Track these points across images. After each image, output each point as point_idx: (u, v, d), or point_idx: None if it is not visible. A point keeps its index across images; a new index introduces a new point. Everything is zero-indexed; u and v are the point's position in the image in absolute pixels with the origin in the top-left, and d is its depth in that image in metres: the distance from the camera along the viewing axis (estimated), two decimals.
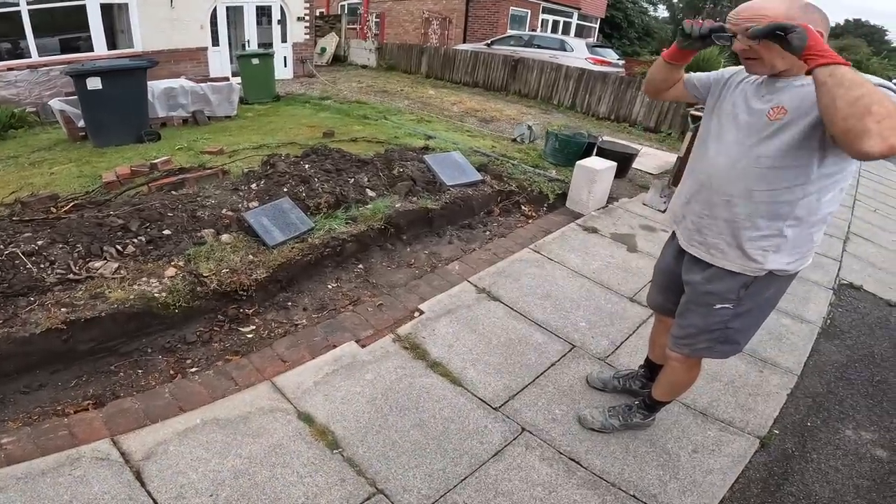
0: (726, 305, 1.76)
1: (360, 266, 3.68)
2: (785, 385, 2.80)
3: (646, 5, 30.93)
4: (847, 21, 51.38)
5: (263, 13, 11.55)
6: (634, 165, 6.24)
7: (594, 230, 4.45)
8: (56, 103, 5.90)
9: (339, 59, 15.26)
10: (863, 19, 52.10)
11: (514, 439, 2.25)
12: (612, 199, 5.18)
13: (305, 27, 12.31)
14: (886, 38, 51.41)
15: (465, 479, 2.04)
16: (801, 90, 1.46)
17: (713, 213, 1.70)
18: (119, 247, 3.12)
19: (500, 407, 2.42)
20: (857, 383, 2.96)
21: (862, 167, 8.97)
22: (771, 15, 1.41)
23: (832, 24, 1.58)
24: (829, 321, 3.56)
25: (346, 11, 18.13)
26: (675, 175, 5.14)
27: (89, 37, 8.76)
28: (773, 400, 2.68)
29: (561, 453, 2.21)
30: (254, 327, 2.97)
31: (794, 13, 1.40)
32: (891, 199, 7.48)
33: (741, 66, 1.69)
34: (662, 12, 38.53)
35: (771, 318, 3.30)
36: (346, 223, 3.78)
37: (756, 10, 1.45)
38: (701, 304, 1.82)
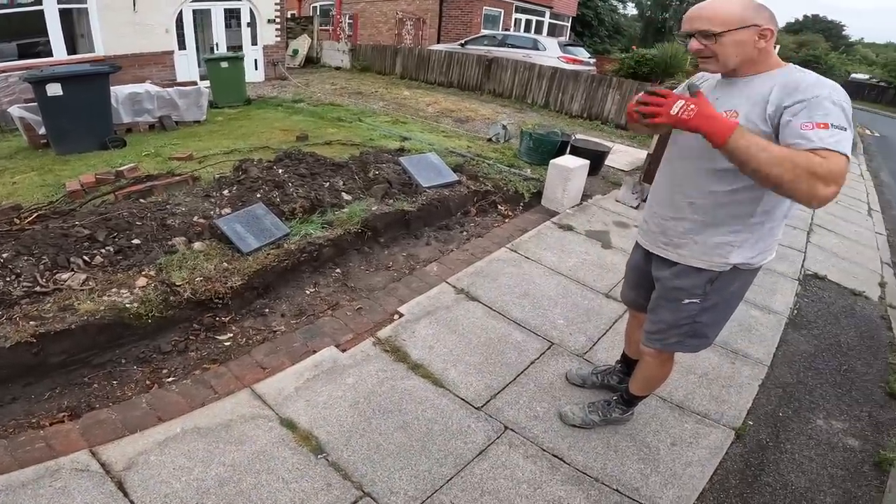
0: (693, 300, 1.81)
1: (338, 270, 3.65)
2: (756, 376, 2.89)
3: (615, 3, 31.49)
4: (805, 17, 53.21)
5: (232, 16, 11.35)
6: (607, 163, 6.34)
7: (569, 228, 4.51)
8: (15, 110, 5.69)
9: (311, 61, 15.10)
10: (821, 15, 54.06)
11: (498, 438, 2.27)
12: (586, 196, 5.26)
13: (276, 29, 12.15)
14: (844, 33, 53.41)
15: (450, 479, 2.05)
16: (748, 90, 1.51)
17: (678, 215, 1.76)
18: (86, 257, 3.04)
19: (482, 406, 2.44)
20: (825, 373, 3.06)
21: None
22: (722, 15, 1.46)
23: (791, 20, 1.65)
24: (795, 311, 3.68)
25: (318, 13, 17.97)
26: (646, 171, 5.25)
27: (48, 42, 8.48)
28: (746, 391, 2.75)
29: (544, 450, 2.24)
30: (231, 335, 2.92)
31: (749, 14, 1.45)
32: (852, 191, 7.76)
33: (701, 73, 1.74)
34: (631, 9, 39.26)
35: (740, 309, 3.39)
36: (323, 228, 3.74)
37: (711, 11, 1.49)
38: (670, 299, 1.87)
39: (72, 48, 8.89)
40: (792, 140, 1.35)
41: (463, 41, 14.39)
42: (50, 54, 8.50)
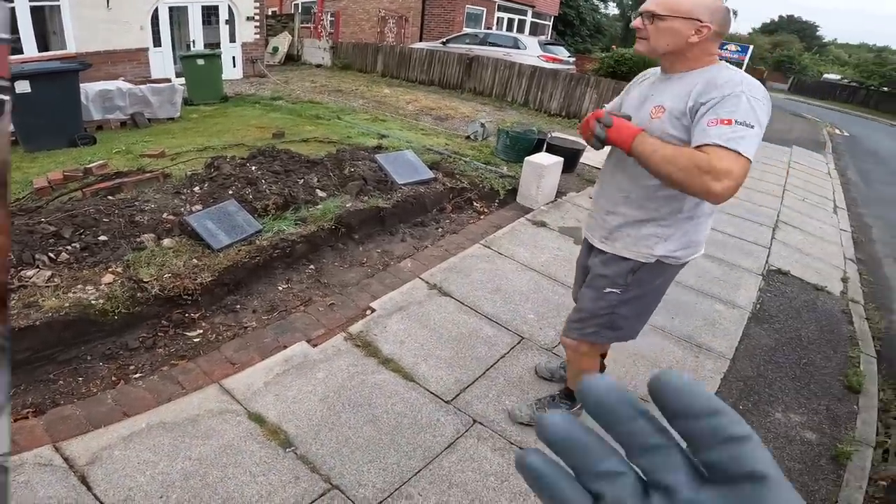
0: (614, 290, 1.85)
1: (312, 266, 3.65)
2: (718, 369, 2.96)
3: (597, 3, 31.74)
4: (781, 17, 54.40)
5: (210, 13, 11.18)
6: (582, 160, 6.42)
7: (543, 224, 4.57)
8: None
9: (292, 59, 14.95)
10: (796, 15, 55.27)
11: (466, 431, 2.30)
12: (560, 193, 5.33)
13: (256, 27, 12.01)
14: (818, 33, 54.72)
15: (419, 471, 2.08)
16: (679, 87, 1.56)
17: (614, 210, 1.81)
18: (52, 254, 2.99)
19: (451, 400, 2.47)
20: (785, 366, 3.13)
21: (792, 159, 9.54)
22: (672, 2, 1.49)
23: (766, 20, 1.69)
24: (758, 306, 3.76)
25: (299, 10, 17.77)
26: None
27: (18, 38, 8.28)
28: (709, 384, 2.80)
29: (512, 443, 2.27)
30: (200, 331, 2.90)
31: (698, 9, 1.47)
32: (818, 189, 7.98)
33: (651, 70, 1.79)
34: (613, 9, 39.60)
35: (705, 303, 3.51)
36: (296, 224, 3.74)
37: None
38: (594, 287, 1.92)
39: (43, 45, 8.70)
40: (695, 134, 1.42)
41: (445, 39, 14.40)
42: (20, 51, 8.32)
